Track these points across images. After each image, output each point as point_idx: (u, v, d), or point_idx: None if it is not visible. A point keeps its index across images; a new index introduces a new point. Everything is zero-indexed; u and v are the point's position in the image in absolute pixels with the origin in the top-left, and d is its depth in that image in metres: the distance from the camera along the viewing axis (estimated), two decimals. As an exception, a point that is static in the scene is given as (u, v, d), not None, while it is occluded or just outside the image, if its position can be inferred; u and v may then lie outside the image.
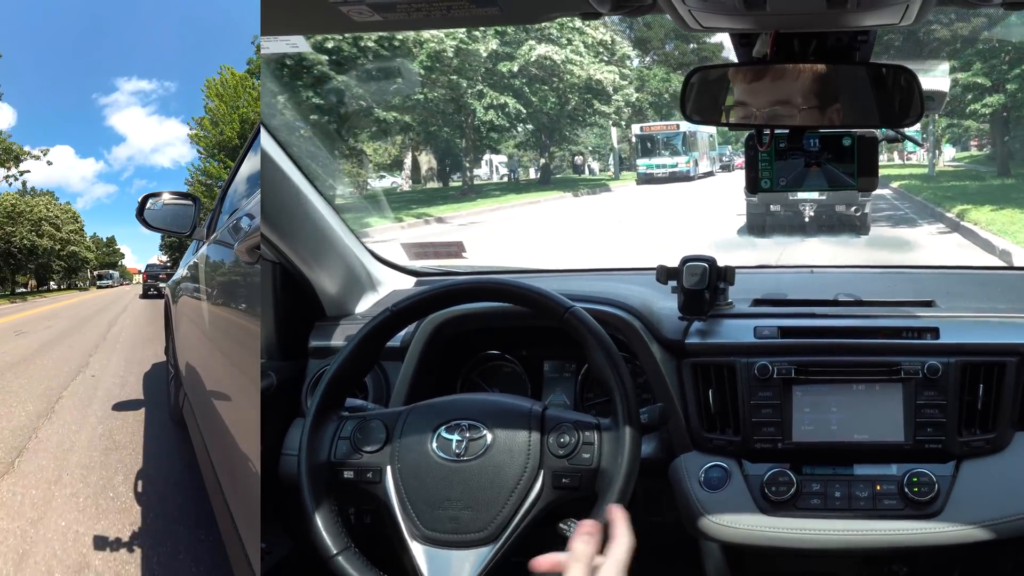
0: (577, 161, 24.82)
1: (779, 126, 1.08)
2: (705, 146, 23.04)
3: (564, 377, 1.70)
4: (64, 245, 42.60)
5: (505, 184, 24.23)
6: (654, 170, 21.43)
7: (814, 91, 1.01)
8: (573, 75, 20.79)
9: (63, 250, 42.59)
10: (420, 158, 23.73)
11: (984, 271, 2.48)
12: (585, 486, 1.12)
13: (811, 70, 1.01)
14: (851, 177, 1.17)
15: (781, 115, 1.04)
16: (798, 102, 1.02)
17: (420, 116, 20.16)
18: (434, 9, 0.87)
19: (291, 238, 1.63)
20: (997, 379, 1.36)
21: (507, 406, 1.19)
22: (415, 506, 1.12)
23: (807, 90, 1.01)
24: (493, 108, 20.37)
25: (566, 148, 24.15)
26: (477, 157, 23.53)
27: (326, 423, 1.20)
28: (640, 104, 23.70)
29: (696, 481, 1.40)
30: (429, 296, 1.24)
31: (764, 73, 1.02)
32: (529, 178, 24.48)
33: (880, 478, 1.35)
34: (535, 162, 24.23)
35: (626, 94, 22.23)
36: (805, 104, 1.02)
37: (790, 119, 1.04)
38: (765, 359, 1.40)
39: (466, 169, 21.91)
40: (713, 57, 20.48)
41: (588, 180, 23.69)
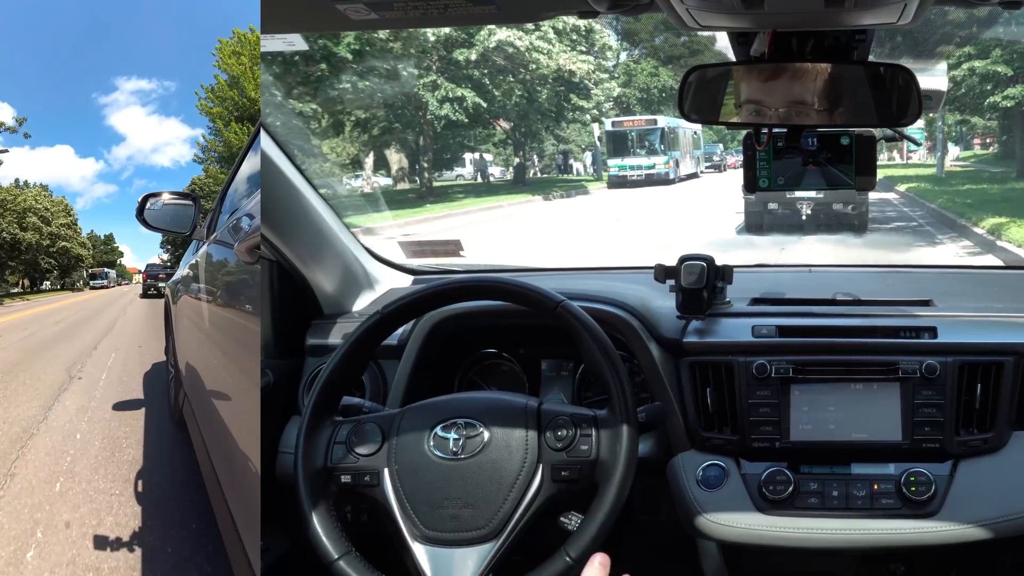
0: (560, 160, 23.24)
1: (777, 125, 1.08)
2: (688, 144, 20.59)
3: (562, 376, 1.70)
4: (54, 240, 38.84)
5: (473, 186, 22.12)
6: (627, 172, 18.84)
7: (812, 90, 1.01)
8: (540, 64, 18.58)
9: (53, 246, 38.88)
10: (390, 156, 21.18)
11: (982, 271, 2.48)
12: (585, 478, 1.12)
13: (809, 69, 1.01)
14: (849, 176, 1.17)
15: (779, 114, 1.04)
16: (796, 101, 1.02)
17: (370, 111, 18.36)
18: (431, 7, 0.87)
19: (288, 236, 1.64)
20: (995, 378, 1.36)
21: (502, 403, 1.20)
22: (415, 506, 1.12)
23: (805, 89, 1.01)
24: (449, 102, 18.15)
25: (547, 146, 22.19)
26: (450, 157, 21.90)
27: (321, 428, 1.20)
28: (627, 100, 21.76)
29: (694, 480, 1.40)
30: (419, 297, 1.24)
31: (762, 72, 1.02)
32: (508, 179, 22.53)
33: (878, 477, 1.35)
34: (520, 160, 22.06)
35: (607, 88, 20.17)
36: (803, 103, 1.02)
37: (788, 118, 1.04)
38: (763, 358, 1.40)
39: (424, 170, 19.73)
40: (705, 50, 18.72)
41: (568, 181, 21.82)
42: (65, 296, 34.77)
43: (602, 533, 1.07)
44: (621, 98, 21.48)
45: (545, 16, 0.99)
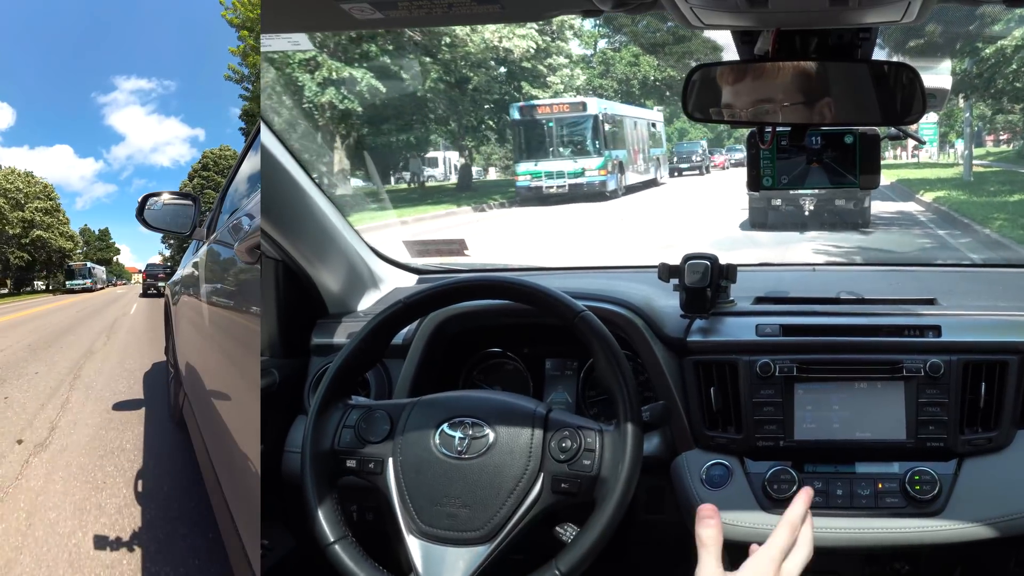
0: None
1: (781, 124, 1.08)
2: (640, 140, 15.34)
3: (566, 375, 1.69)
4: (27, 229, 31.40)
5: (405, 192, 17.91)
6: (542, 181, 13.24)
7: (816, 89, 1.01)
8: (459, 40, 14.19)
9: (25, 236, 31.70)
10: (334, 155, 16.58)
11: (986, 269, 2.48)
12: (584, 493, 1.11)
13: (813, 68, 1.01)
14: (853, 175, 1.17)
15: (783, 112, 1.03)
16: (800, 100, 1.02)
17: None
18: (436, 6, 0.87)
19: (293, 235, 1.64)
20: (999, 377, 1.36)
21: (512, 406, 1.19)
22: (414, 500, 1.12)
23: (809, 88, 1.01)
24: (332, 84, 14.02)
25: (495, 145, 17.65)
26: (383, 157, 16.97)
27: (332, 411, 1.21)
28: (604, 91, 17.97)
29: (698, 479, 1.40)
30: (441, 290, 1.24)
31: (766, 71, 1.02)
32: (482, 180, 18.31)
33: (882, 476, 1.34)
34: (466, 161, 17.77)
35: (566, 75, 15.92)
36: (807, 102, 1.02)
37: (792, 117, 1.04)
38: (767, 357, 1.40)
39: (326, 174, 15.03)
40: (693, 36, 15.91)
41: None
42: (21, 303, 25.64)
43: (595, 549, 1.07)
44: (597, 89, 17.67)
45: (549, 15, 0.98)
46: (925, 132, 20.36)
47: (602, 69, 19.25)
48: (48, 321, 15.20)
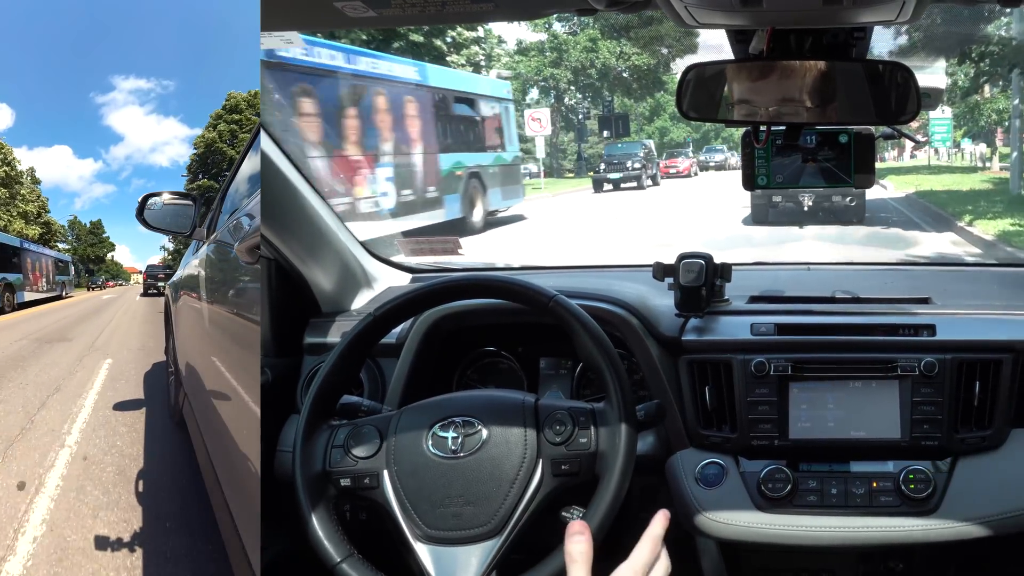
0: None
1: (776, 123, 1.09)
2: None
3: (560, 374, 1.70)
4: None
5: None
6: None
7: (810, 88, 1.02)
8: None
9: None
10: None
11: (980, 268, 2.48)
12: (585, 470, 1.12)
13: (807, 67, 1.01)
14: (847, 174, 1.18)
15: (778, 112, 1.04)
16: (794, 99, 1.02)
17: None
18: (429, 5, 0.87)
19: (286, 234, 1.64)
20: (993, 376, 1.36)
21: (499, 400, 1.19)
22: (416, 507, 1.12)
23: (803, 87, 1.02)
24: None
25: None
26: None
27: (318, 432, 1.19)
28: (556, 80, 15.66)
29: (692, 478, 1.40)
30: (411, 298, 1.23)
31: (760, 70, 1.02)
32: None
33: (877, 475, 1.35)
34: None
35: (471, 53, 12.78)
36: (801, 101, 1.02)
37: (787, 116, 1.04)
38: (762, 356, 1.40)
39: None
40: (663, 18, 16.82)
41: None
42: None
43: (604, 524, 1.06)
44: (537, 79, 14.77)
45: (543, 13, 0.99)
46: (937, 129, 20.15)
47: (554, 56, 16.92)
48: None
